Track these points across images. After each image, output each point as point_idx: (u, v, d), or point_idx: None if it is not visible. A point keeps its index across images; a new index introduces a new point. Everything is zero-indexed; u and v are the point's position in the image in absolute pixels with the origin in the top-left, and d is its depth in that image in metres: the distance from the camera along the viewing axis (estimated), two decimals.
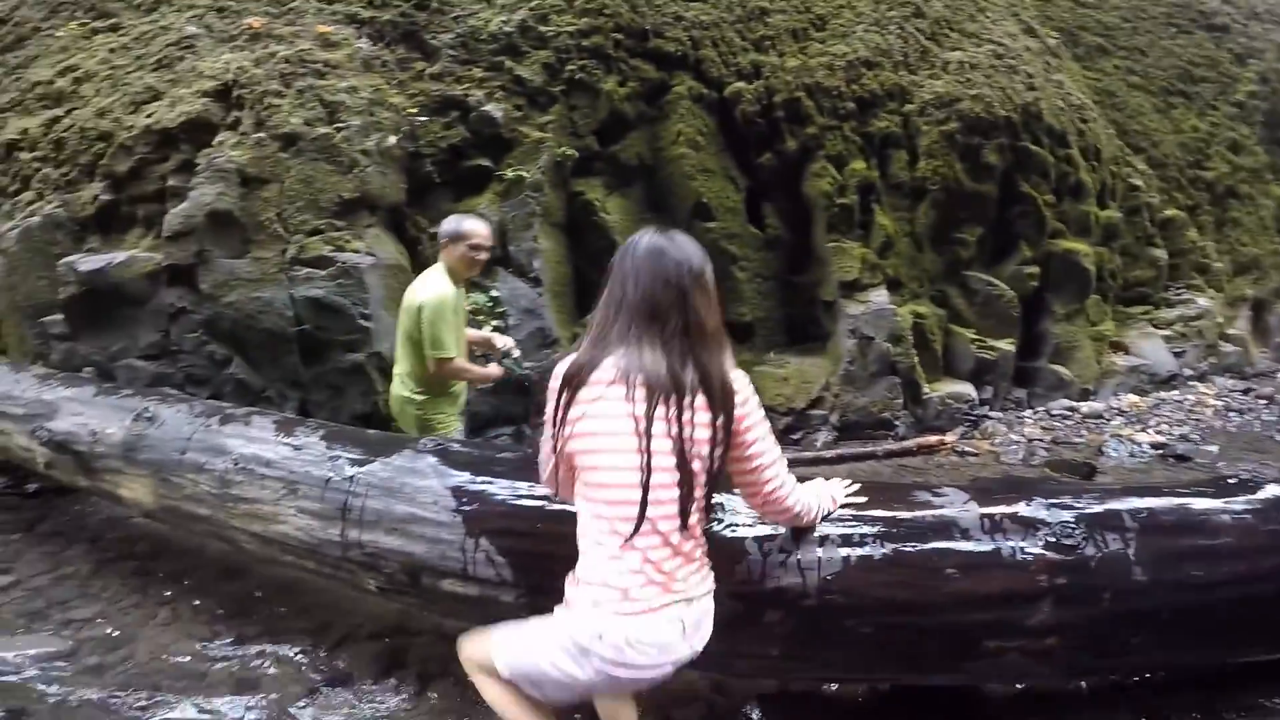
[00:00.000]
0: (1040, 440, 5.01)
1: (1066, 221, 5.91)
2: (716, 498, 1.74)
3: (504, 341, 3.13)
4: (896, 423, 4.92)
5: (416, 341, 2.76)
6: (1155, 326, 6.75)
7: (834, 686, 2.16)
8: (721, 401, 1.42)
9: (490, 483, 2.01)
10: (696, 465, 1.41)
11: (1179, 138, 8.30)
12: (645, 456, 1.38)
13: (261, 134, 4.08)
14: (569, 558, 1.68)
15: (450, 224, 2.88)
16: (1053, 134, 5.84)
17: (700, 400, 1.41)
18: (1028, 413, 5.55)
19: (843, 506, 1.82)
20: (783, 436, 4.76)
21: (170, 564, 2.96)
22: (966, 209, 5.42)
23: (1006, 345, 5.46)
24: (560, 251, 4.65)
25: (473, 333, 3.10)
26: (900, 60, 5.54)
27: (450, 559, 1.95)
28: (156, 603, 2.68)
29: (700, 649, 1.50)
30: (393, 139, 4.25)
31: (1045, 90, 6.02)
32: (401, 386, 2.90)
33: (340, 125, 4.16)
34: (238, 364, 4.06)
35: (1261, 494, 1.99)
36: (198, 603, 2.66)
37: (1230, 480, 2.15)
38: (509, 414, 4.31)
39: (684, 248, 1.52)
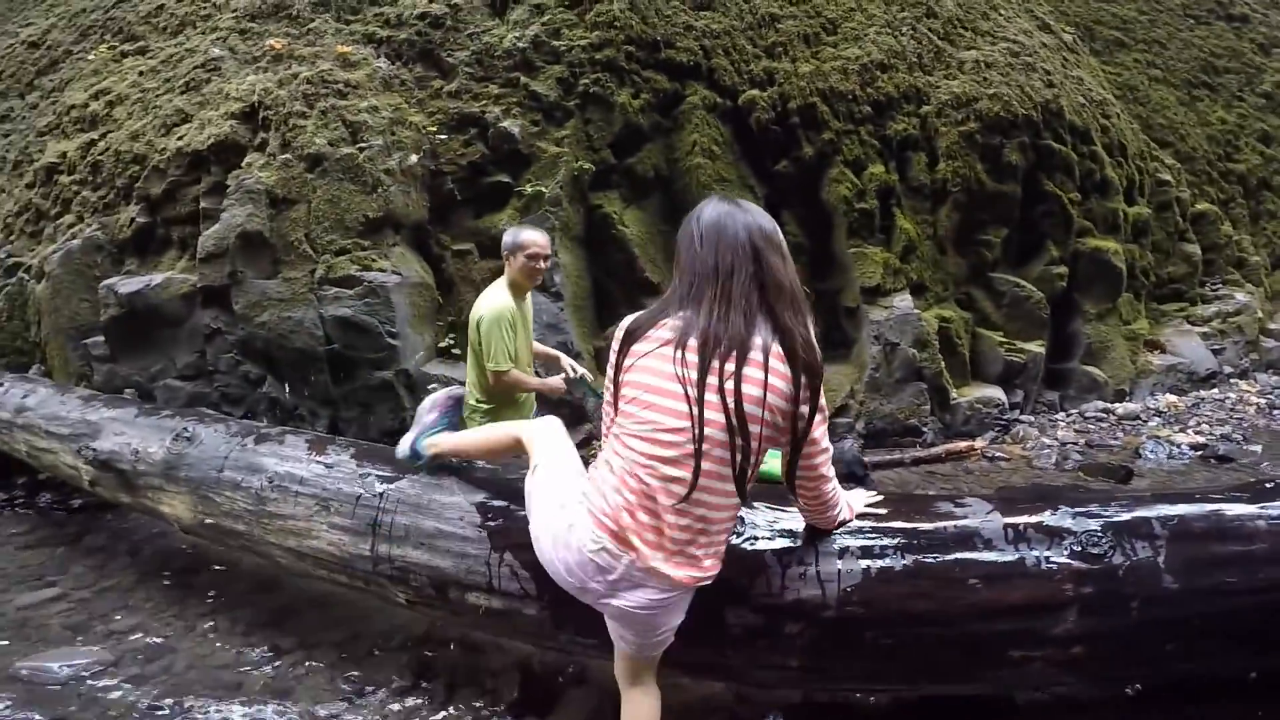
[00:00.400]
0: (1074, 444, 4.91)
1: (1094, 219, 5.80)
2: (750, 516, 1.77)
3: (570, 363, 3.16)
4: (924, 429, 4.86)
5: (479, 353, 2.83)
6: (1192, 323, 6.60)
7: (867, 696, 2.15)
8: (804, 361, 1.38)
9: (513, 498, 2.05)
10: (754, 428, 1.36)
11: (1206, 130, 8.21)
12: (696, 416, 1.35)
13: (288, 155, 4.21)
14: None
15: (509, 236, 2.93)
16: (1075, 131, 5.75)
17: (775, 360, 1.37)
18: (1060, 416, 5.46)
19: (860, 517, 1.81)
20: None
21: (208, 577, 3.05)
22: (989, 210, 5.35)
23: (1036, 347, 5.37)
24: (580, 265, 4.69)
25: (540, 347, 3.15)
26: (915, 61, 5.51)
27: (476, 573, 2.00)
28: (195, 614, 2.76)
29: (627, 608, 1.48)
30: (414, 157, 4.35)
31: (1065, 87, 5.95)
32: (469, 396, 2.92)
33: (363, 145, 4.27)
34: (270, 383, 4.18)
35: None
36: (234, 615, 2.73)
37: (1267, 485, 2.06)
38: None
39: (750, 210, 1.49)
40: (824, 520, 1.72)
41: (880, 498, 1.90)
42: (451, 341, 4.32)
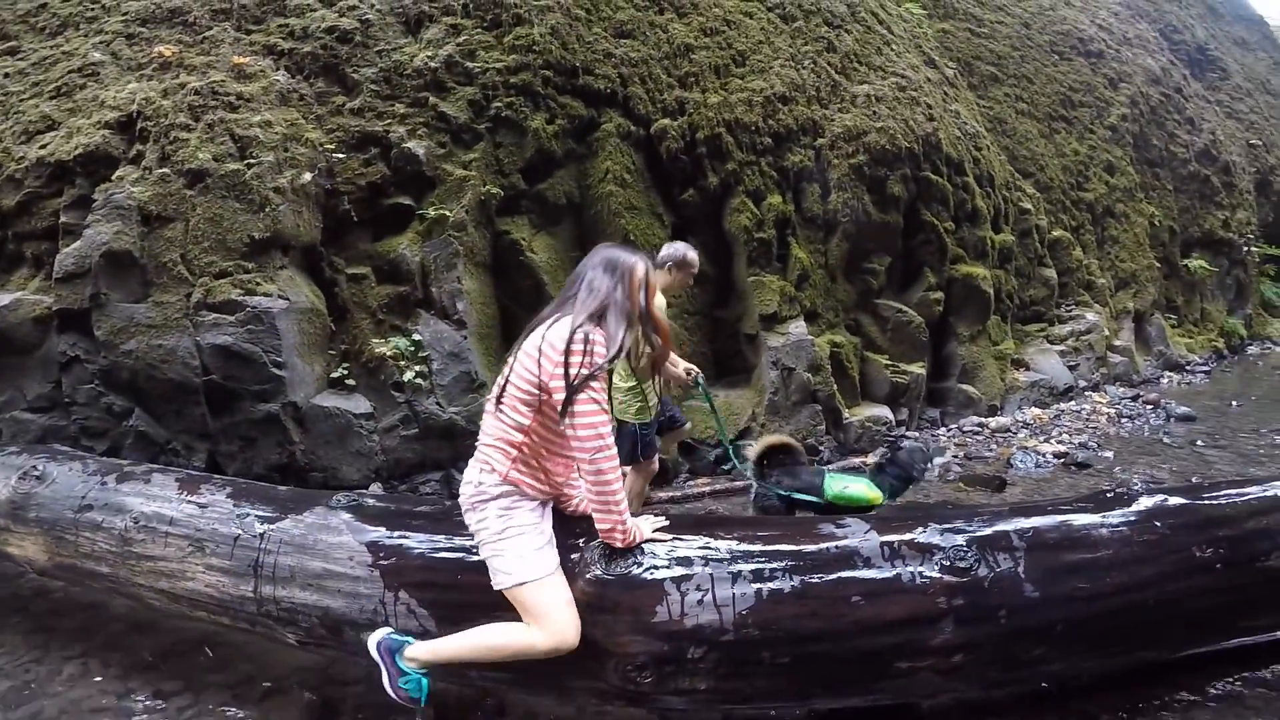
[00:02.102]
0: (955, 456, 5.29)
1: (965, 247, 6.27)
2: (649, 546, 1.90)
3: (689, 366, 3.51)
4: (821, 448, 5.07)
5: None
6: (1050, 342, 7.28)
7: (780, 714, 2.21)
8: (546, 347, 1.86)
9: (407, 536, 2.08)
10: (514, 382, 1.92)
11: (1062, 161, 8.87)
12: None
13: (166, 169, 3.89)
14: (491, 605, 1.81)
15: (677, 250, 3.36)
16: (950, 163, 6.17)
17: (530, 345, 1.91)
18: (942, 431, 5.88)
19: (649, 541, 1.93)
20: (714, 466, 4.86)
21: (74, 620, 2.81)
22: (875, 240, 5.68)
23: (918, 369, 5.76)
24: (486, 292, 4.58)
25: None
26: (813, 95, 5.75)
27: (370, 612, 2.00)
28: (62, 658, 2.54)
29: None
30: (308, 176, 4.13)
31: (943, 120, 6.36)
32: (619, 380, 3.19)
33: (252, 161, 4.00)
34: (139, 415, 3.82)
35: (1135, 506, 2.16)
36: (109, 658, 2.54)
37: (1107, 494, 2.29)
38: (435, 460, 4.22)
39: (624, 249, 2.05)
40: (601, 515, 1.86)
41: (666, 523, 2.01)
42: (345, 371, 4.09)
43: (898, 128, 5.80)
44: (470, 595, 1.95)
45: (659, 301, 2.98)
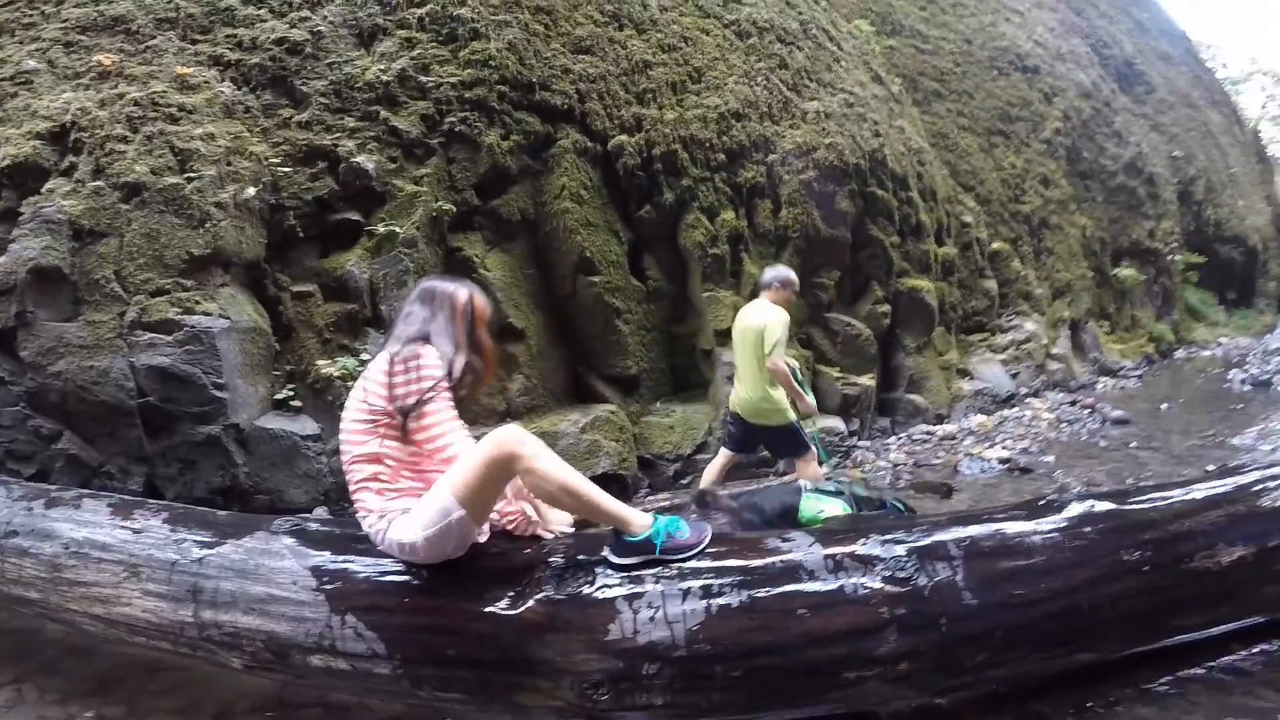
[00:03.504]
0: (905, 464, 5.44)
1: (910, 260, 6.49)
2: (587, 560, 1.93)
3: (809, 407, 3.93)
4: (778, 460, 5.11)
5: (757, 349, 3.72)
6: (993, 351, 7.60)
7: None
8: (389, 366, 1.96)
9: (352, 560, 2.08)
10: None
11: (1000, 174, 9.21)
12: None
13: (100, 182, 3.73)
14: (441, 628, 1.87)
15: (780, 272, 3.96)
16: (895, 178, 6.37)
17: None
18: (892, 439, 6.05)
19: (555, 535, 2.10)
20: (673, 481, 4.89)
21: (4, 645, 2.71)
22: (824, 254, 5.84)
23: (868, 380, 5.93)
24: None
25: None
26: (765, 111, 5.87)
27: (316, 636, 1.99)
28: None
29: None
30: (251, 190, 4.01)
31: (889, 136, 6.56)
32: (757, 394, 3.86)
33: (192, 175, 3.87)
34: (69, 438, 3.63)
35: (1066, 513, 2.21)
36: (44, 683, 2.44)
37: (1039, 502, 2.36)
38: None
39: (446, 279, 2.21)
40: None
41: (571, 527, 2.12)
42: (291, 393, 3.96)
43: (845, 144, 5.97)
44: (418, 617, 1.95)
45: (785, 314, 3.79)
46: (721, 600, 1.87)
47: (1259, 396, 8.13)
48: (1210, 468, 4.43)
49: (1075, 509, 2.25)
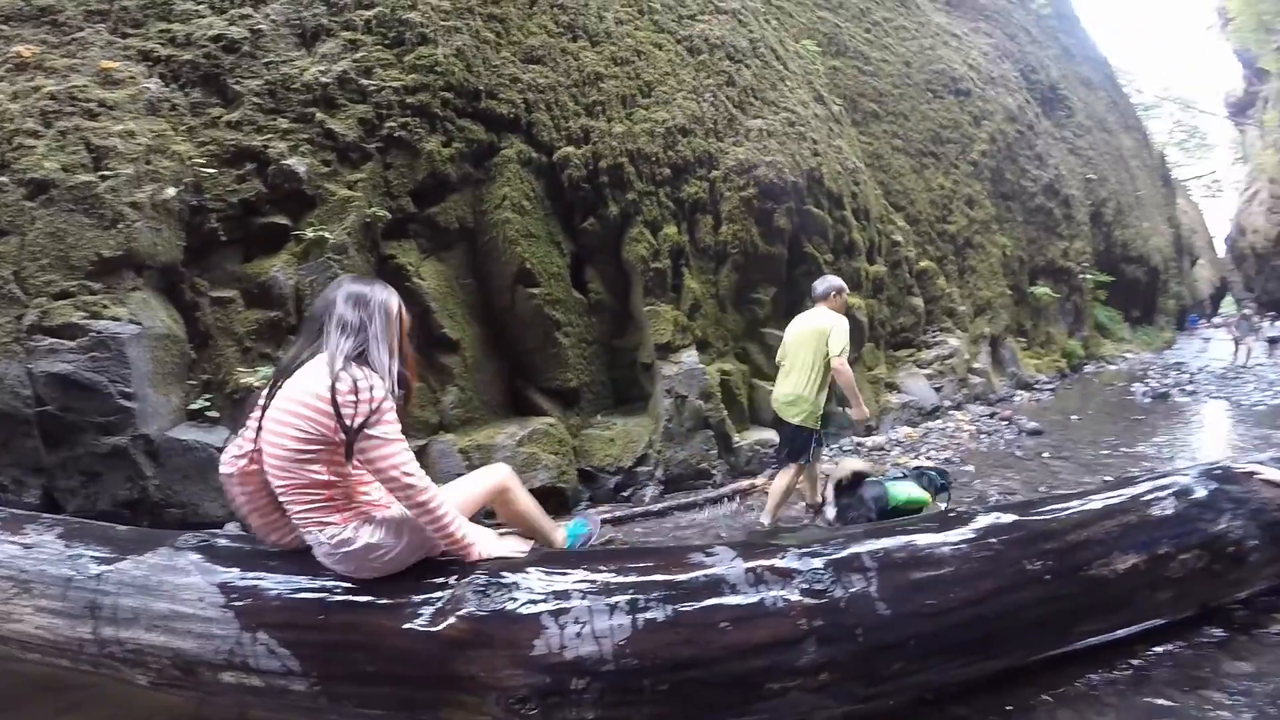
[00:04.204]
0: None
1: (842, 277, 6.61)
2: (510, 576, 1.95)
3: (863, 413, 4.11)
4: (714, 472, 5.22)
5: (818, 353, 3.93)
6: (919, 366, 7.91)
7: None
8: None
9: (264, 577, 2.04)
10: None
11: (929, 195, 9.54)
12: None
13: (4, 178, 3.51)
14: (359, 644, 1.86)
15: (836, 282, 4.22)
16: (831, 196, 6.53)
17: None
18: (825, 451, 6.20)
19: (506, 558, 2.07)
20: (614, 493, 4.88)
21: None
22: (761, 270, 5.95)
23: None
24: None
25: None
26: (711, 128, 5.93)
27: (226, 653, 1.96)
28: None
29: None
30: (171, 191, 3.82)
31: (827, 155, 6.71)
32: (802, 389, 4.04)
33: (107, 173, 3.67)
34: None
35: (973, 525, 2.33)
36: None
37: (950, 514, 2.49)
38: None
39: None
40: (439, 537, 1.94)
41: (527, 551, 2.14)
42: (207, 403, 3.78)
43: (786, 162, 6.09)
44: (334, 634, 1.91)
45: (844, 316, 4.05)
46: (648, 615, 1.90)
47: (1159, 408, 8.81)
48: (1108, 479, 4.75)
49: (982, 521, 2.37)
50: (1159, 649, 2.60)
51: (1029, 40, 15.14)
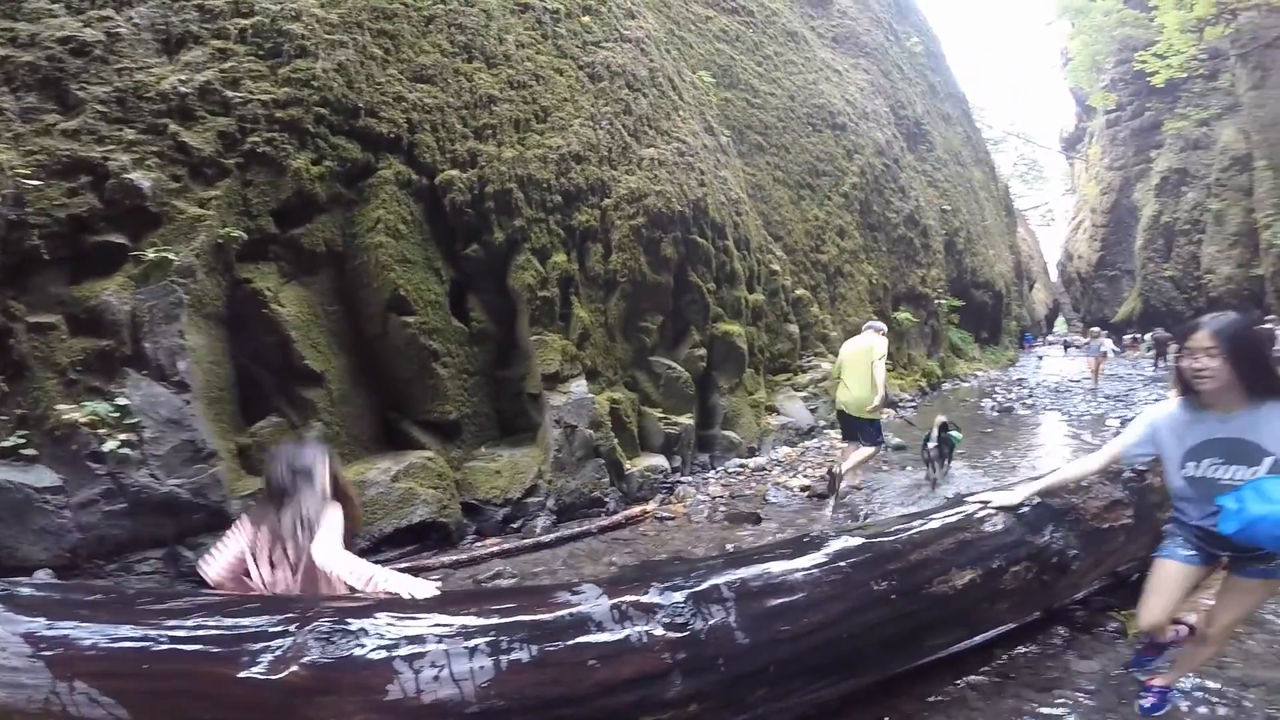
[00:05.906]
0: (721, 496, 5.73)
1: (725, 306, 6.90)
2: (356, 622, 1.93)
3: (884, 399, 5.64)
4: (606, 499, 5.21)
5: (866, 363, 5.49)
6: (795, 390, 8.34)
7: None
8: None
9: (77, 626, 1.89)
10: None
11: (805, 225, 10.08)
12: None
13: None
14: (193, 692, 1.79)
15: (879, 324, 5.78)
16: (715, 227, 6.73)
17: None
18: (711, 474, 6.38)
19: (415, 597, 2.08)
20: (502, 526, 4.76)
21: None
22: (649, 299, 6.04)
23: (687, 420, 6.23)
24: (218, 349, 4.02)
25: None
26: (605, 155, 5.92)
27: (42, 701, 1.80)
28: None
29: None
30: None
31: (712, 186, 6.89)
32: (861, 391, 5.57)
33: None
34: None
35: (825, 549, 2.41)
36: None
37: (804, 540, 2.53)
38: (155, 536, 3.61)
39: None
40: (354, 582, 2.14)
41: (436, 592, 2.12)
42: (22, 440, 3.35)
43: (674, 191, 6.20)
44: (164, 683, 1.79)
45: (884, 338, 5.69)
46: (511, 656, 1.87)
47: (1005, 420, 9.81)
48: (949, 495, 5.19)
49: (834, 545, 2.47)
50: (1015, 651, 2.85)
51: (900, 77, 16.40)
